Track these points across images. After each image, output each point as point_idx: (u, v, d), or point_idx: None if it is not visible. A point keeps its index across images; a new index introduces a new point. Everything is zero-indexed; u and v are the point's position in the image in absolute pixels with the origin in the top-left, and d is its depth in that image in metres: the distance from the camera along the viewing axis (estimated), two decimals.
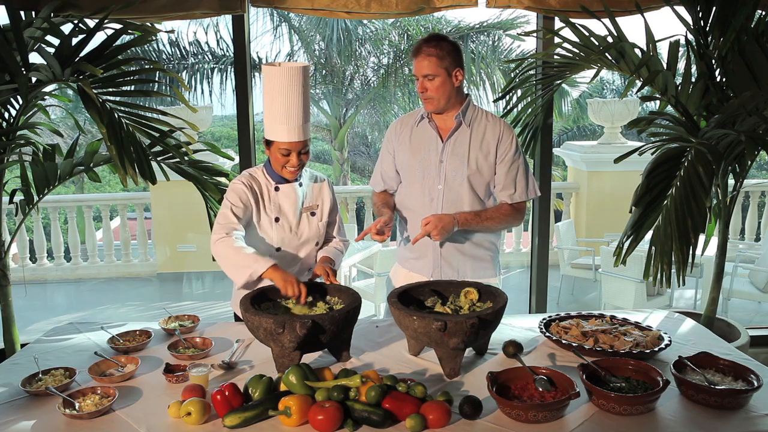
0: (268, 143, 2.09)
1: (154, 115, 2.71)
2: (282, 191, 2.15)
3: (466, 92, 2.25)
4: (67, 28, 2.66)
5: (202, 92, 9.94)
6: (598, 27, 2.88)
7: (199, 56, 9.98)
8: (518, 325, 2.17)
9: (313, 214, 2.21)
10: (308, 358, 1.84)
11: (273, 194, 2.15)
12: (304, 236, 2.19)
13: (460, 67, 2.15)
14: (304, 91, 2.03)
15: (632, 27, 2.97)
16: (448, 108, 2.20)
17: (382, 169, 2.39)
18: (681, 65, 2.91)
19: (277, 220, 2.14)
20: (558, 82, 3.18)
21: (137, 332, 2.07)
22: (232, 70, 4.61)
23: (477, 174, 2.21)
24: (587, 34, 2.90)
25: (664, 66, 2.82)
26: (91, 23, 2.69)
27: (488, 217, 2.23)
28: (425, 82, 2.13)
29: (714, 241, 3.14)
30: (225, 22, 10.02)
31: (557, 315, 2.14)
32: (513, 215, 2.27)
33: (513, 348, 1.85)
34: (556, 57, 3.10)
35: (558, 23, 3.08)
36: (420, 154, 2.25)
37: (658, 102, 2.95)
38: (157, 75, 6.06)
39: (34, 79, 2.47)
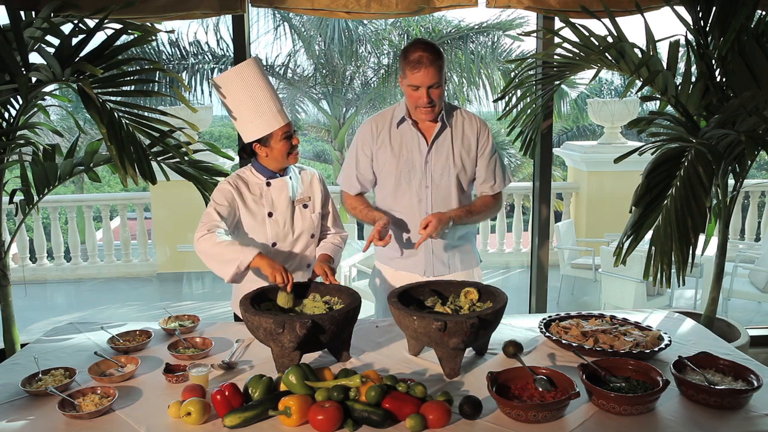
0: (265, 141, 2.09)
1: (154, 115, 2.70)
2: (274, 186, 2.17)
3: None
4: (67, 28, 2.66)
5: (203, 92, 9.94)
6: (598, 27, 2.88)
7: (200, 56, 9.97)
8: (518, 325, 2.17)
9: (305, 206, 2.22)
10: (308, 358, 1.84)
11: (265, 190, 2.16)
12: (299, 229, 2.20)
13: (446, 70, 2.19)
14: (266, 81, 2.11)
15: (632, 27, 2.97)
16: (438, 114, 2.21)
17: (357, 172, 2.33)
18: (681, 65, 2.92)
19: (270, 215, 2.15)
20: (558, 82, 3.18)
21: (137, 332, 2.07)
22: None
23: (462, 170, 2.27)
24: (587, 34, 2.90)
25: (664, 66, 2.82)
26: (91, 23, 2.69)
27: (477, 212, 2.31)
28: (432, 91, 2.09)
29: (714, 241, 3.14)
30: (225, 22, 10.01)
31: (557, 315, 2.14)
32: (495, 205, 2.37)
33: (513, 348, 1.85)
34: (556, 57, 3.10)
35: (558, 23, 3.08)
36: (403, 157, 2.24)
37: (658, 102, 2.95)
38: (157, 75, 6.06)
39: (34, 79, 2.47)
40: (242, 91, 2.06)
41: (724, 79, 2.76)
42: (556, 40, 3.02)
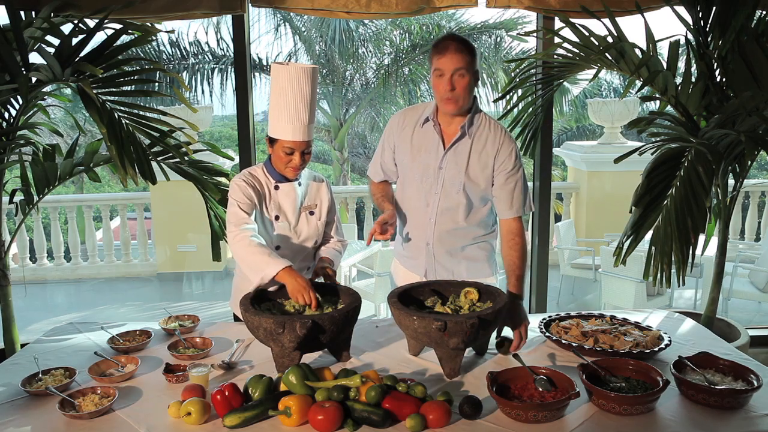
0: (272, 141, 2.09)
1: (154, 115, 2.71)
2: (282, 190, 2.16)
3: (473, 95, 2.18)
4: (67, 28, 2.66)
5: (203, 92, 9.93)
6: (598, 27, 2.88)
7: (200, 56, 9.96)
8: None
9: (311, 213, 2.21)
10: (308, 358, 1.84)
11: (273, 193, 2.15)
12: (303, 235, 2.19)
13: (477, 69, 2.09)
14: (311, 92, 2.04)
15: (632, 27, 2.98)
16: (463, 112, 2.11)
17: (382, 161, 2.33)
18: (681, 65, 2.92)
19: (277, 218, 2.14)
20: (558, 82, 3.18)
21: (137, 332, 2.07)
22: (233, 70, 4.62)
23: (472, 183, 2.15)
24: (587, 34, 2.90)
25: (664, 66, 2.82)
26: (91, 23, 2.69)
27: (524, 264, 2.15)
28: (456, 78, 2.01)
29: (714, 241, 3.14)
30: (225, 22, 10.01)
31: (557, 315, 2.14)
32: (521, 236, 2.17)
33: (504, 341, 1.88)
34: (556, 57, 3.10)
35: (558, 23, 3.08)
36: (420, 157, 2.19)
37: (658, 102, 2.95)
38: (157, 75, 6.07)
39: (34, 79, 2.47)
40: (288, 88, 2.01)
41: (724, 79, 2.76)
42: (556, 40, 3.02)
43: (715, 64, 2.76)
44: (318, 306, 1.84)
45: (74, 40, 2.56)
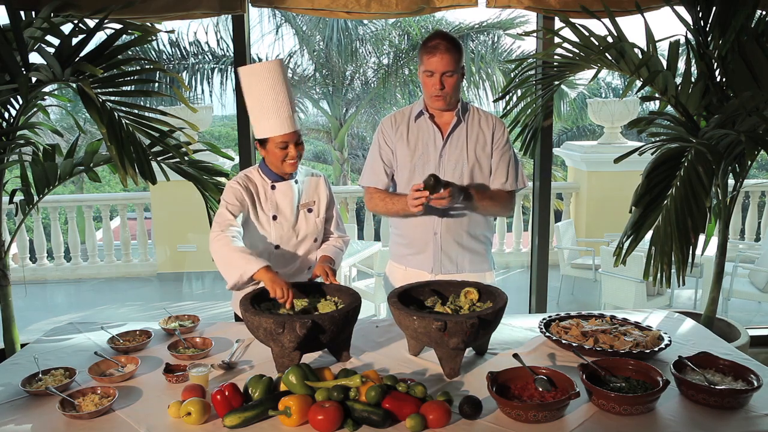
0: (263, 142, 2.10)
1: (154, 115, 2.71)
2: (278, 189, 2.16)
3: None
4: (67, 28, 2.66)
5: (203, 92, 9.93)
6: (598, 27, 2.88)
7: (200, 56, 9.96)
8: (518, 325, 2.17)
9: (310, 210, 2.22)
10: (308, 358, 1.84)
11: (270, 193, 2.16)
12: (302, 233, 2.20)
13: (463, 65, 2.19)
14: (285, 85, 2.07)
15: (632, 27, 2.98)
16: (451, 106, 2.22)
17: (384, 163, 2.32)
18: (681, 65, 2.92)
19: (275, 218, 2.15)
20: (558, 82, 3.18)
21: (137, 332, 2.07)
22: (232, 70, 4.62)
23: (477, 166, 2.25)
24: (587, 34, 2.90)
25: (664, 66, 2.82)
26: (91, 23, 2.69)
27: (491, 196, 2.25)
28: (445, 79, 2.13)
29: (714, 241, 3.14)
30: (225, 21, 10.01)
31: (557, 315, 2.14)
32: (507, 201, 2.31)
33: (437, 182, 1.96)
34: (556, 57, 3.10)
35: (558, 23, 3.08)
36: (418, 151, 2.26)
37: (658, 102, 2.95)
38: (157, 75, 6.07)
39: (34, 79, 2.47)
40: (264, 86, 2.04)
41: (724, 79, 2.76)
42: (556, 40, 3.02)
43: (715, 64, 2.76)
44: (292, 307, 1.85)
45: (74, 40, 2.56)
